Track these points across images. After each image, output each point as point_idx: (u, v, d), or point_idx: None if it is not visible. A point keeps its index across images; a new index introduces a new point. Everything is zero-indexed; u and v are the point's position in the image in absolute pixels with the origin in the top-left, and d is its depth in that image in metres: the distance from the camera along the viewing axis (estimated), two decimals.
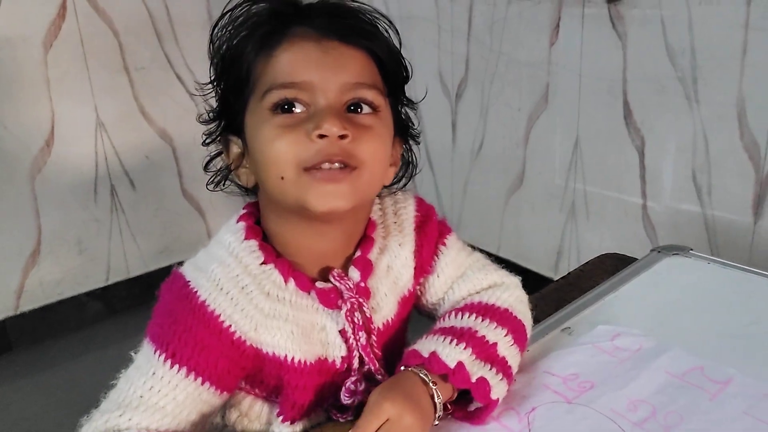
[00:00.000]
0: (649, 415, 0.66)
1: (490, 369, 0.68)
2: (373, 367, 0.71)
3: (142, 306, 2.38)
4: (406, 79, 0.71)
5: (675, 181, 1.87)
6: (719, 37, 1.67)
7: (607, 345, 0.78)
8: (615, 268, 1.00)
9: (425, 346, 0.69)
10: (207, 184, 0.72)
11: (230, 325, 0.64)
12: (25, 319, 2.18)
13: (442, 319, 0.75)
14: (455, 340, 0.68)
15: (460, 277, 0.78)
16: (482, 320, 0.72)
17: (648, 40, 1.81)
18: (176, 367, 0.63)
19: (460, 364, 0.66)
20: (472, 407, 0.69)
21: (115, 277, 2.33)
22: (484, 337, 0.69)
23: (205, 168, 0.72)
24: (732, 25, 1.64)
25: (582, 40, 1.96)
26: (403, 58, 0.70)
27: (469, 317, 0.72)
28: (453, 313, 0.74)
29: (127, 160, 2.28)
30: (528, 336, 0.76)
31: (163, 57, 2.27)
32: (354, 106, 0.65)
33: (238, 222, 0.70)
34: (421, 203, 0.80)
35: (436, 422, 0.66)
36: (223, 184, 0.72)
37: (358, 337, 0.70)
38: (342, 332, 0.70)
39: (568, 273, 1.06)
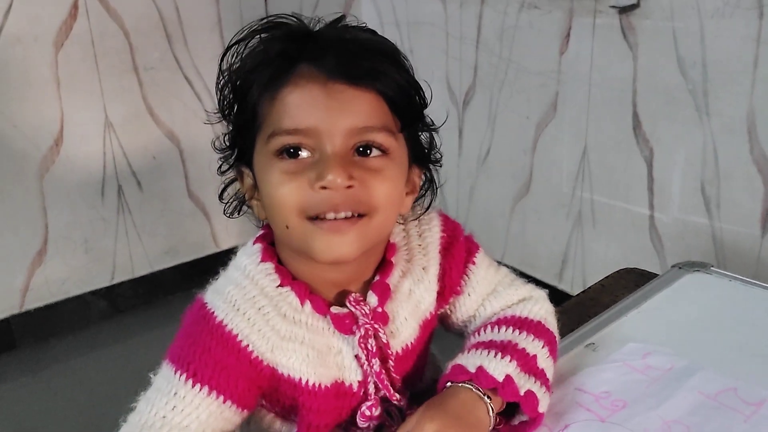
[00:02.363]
0: None
1: (535, 382, 0.69)
2: (387, 393, 0.71)
3: (147, 306, 2.40)
4: (424, 106, 0.68)
5: (683, 193, 1.89)
6: (731, 51, 1.68)
7: (638, 363, 0.79)
8: (635, 284, 1.01)
9: (469, 360, 0.69)
10: (224, 212, 0.71)
11: (248, 345, 0.65)
12: (30, 317, 2.18)
13: (476, 333, 0.75)
14: (499, 354, 0.69)
15: (491, 293, 0.79)
16: (519, 333, 0.72)
17: (659, 52, 1.82)
18: (198, 386, 0.63)
19: (508, 378, 0.66)
20: (516, 421, 0.70)
21: (121, 276, 2.33)
22: (524, 349, 0.70)
23: (221, 195, 0.71)
24: (744, 39, 1.65)
25: (592, 50, 1.97)
26: (420, 89, 0.67)
27: (506, 330, 0.73)
28: (489, 327, 0.74)
29: (135, 160, 2.28)
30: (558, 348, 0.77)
31: (172, 58, 2.27)
32: (363, 148, 0.63)
33: (254, 244, 0.70)
34: (446, 222, 0.78)
35: None
36: (239, 211, 0.71)
37: (372, 364, 0.70)
38: (357, 358, 0.70)
39: (588, 287, 1.07)
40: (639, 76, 1.89)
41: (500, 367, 0.67)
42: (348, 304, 0.69)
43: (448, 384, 0.68)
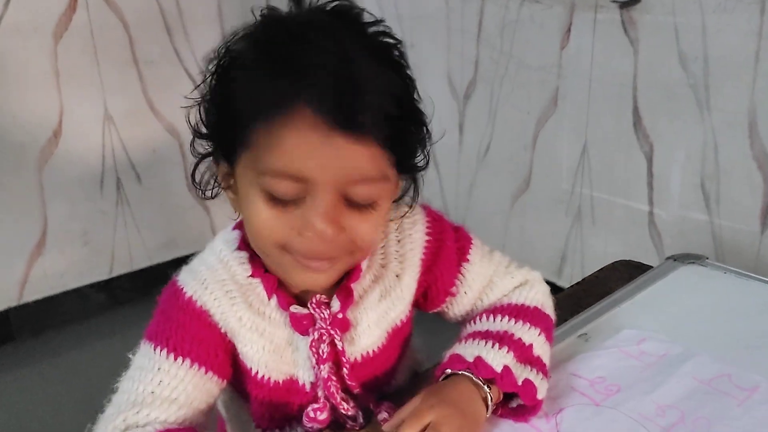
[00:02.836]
0: (678, 420, 0.67)
1: (531, 370, 0.69)
2: (333, 401, 0.70)
3: (146, 298, 2.35)
4: (428, 137, 0.65)
5: (683, 189, 1.88)
6: (733, 45, 1.68)
7: (633, 349, 0.78)
8: (629, 276, 1.01)
9: (467, 350, 0.69)
10: (198, 192, 0.68)
11: (216, 321, 0.67)
12: (29, 309, 2.17)
13: (473, 321, 0.75)
14: (497, 344, 0.69)
15: (487, 286, 0.78)
16: (515, 322, 0.72)
17: (660, 47, 1.81)
18: (180, 359, 0.64)
19: (506, 369, 0.67)
20: (514, 404, 0.70)
21: (119, 269, 2.33)
22: (520, 339, 0.70)
23: (193, 174, 0.68)
24: (746, 34, 1.64)
25: (593, 44, 1.97)
26: (425, 124, 0.64)
27: (502, 320, 0.73)
28: (485, 315, 0.74)
29: (134, 153, 2.28)
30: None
31: (172, 52, 2.26)
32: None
33: (233, 229, 0.71)
34: (432, 225, 0.75)
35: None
36: (211, 192, 0.68)
37: (320, 369, 0.69)
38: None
39: (582, 279, 1.06)
40: (640, 71, 1.88)
41: (498, 358, 0.67)
42: (309, 306, 0.68)
43: (447, 372, 0.68)
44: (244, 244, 0.68)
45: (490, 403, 0.66)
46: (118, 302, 2.35)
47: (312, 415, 0.70)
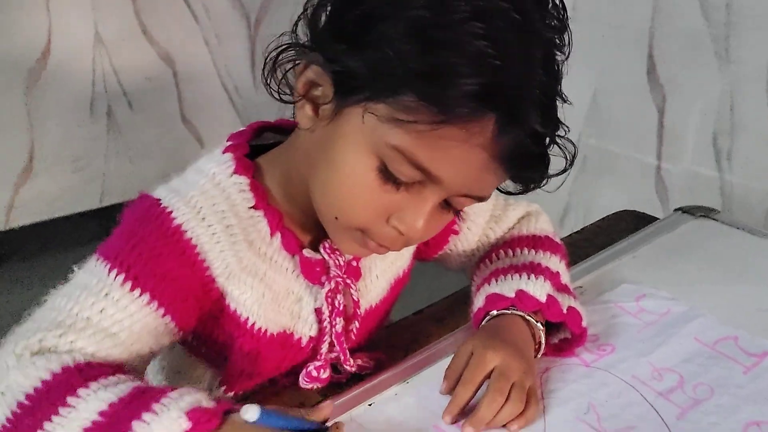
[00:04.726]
0: (676, 385, 0.62)
1: (568, 297, 0.66)
2: (342, 357, 0.65)
3: None
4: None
5: (694, 144, 1.81)
6: None
7: (631, 306, 0.73)
8: (634, 227, 0.95)
9: (504, 287, 0.65)
10: (266, 83, 0.58)
11: (204, 260, 0.57)
12: (17, 234, 2.13)
13: (488, 261, 0.72)
14: (532, 275, 0.65)
15: (490, 220, 0.75)
16: (536, 252, 0.70)
17: None
18: (137, 291, 0.54)
19: (551, 298, 0.64)
20: (555, 339, 0.67)
21: (111, 199, 2.28)
22: (548, 268, 0.67)
23: (266, 67, 0.57)
24: None
25: None
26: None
27: (521, 252, 0.70)
28: (501, 251, 0.71)
29: (126, 80, 2.20)
30: None
31: None
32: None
33: (224, 153, 0.61)
34: None
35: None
36: (276, 85, 0.58)
37: (334, 323, 0.63)
38: (317, 311, 0.63)
39: (583, 228, 1.01)
40: (657, 16, 1.79)
41: (539, 288, 0.64)
42: (322, 251, 0.61)
43: (493, 313, 0.64)
44: (242, 168, 0.59)
45: (542, 338, 0.64)
46: (110, 232, 2.31)
47: (314, 374, 0.64)
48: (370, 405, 0.61)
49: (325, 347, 0.64)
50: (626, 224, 0.97)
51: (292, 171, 0.60)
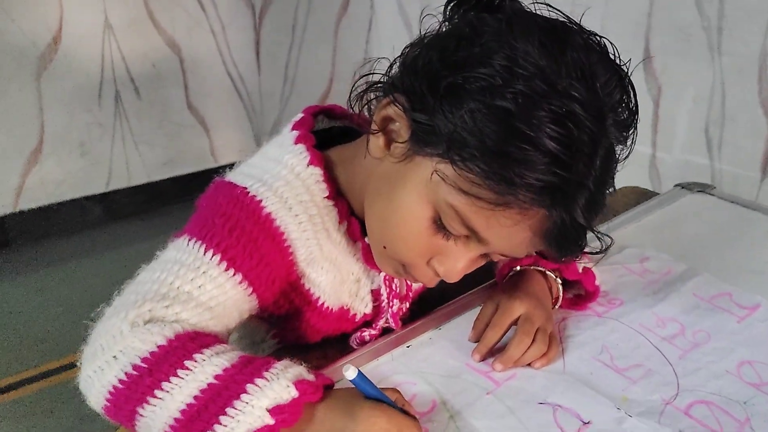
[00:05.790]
0: (678, 332, 0.68)
1: (580, 260, 0.72)
2: (395, 328, 0.71)
3: (143, 215, 2.39)
4: None
5: (687, 133, 1.87)
6: None
7: (636, 266, 0.79)
8: (636, 201, 1.01)
9: None
10: (349, 98, 0.62)
11: (290, 246, 0.61)
12: (24, 217, 2.17)
13: None
14: None
15: None
16: None
17: None
18: (231, 271, 0.58)
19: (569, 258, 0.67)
20: (570, 294, 0.73)
21: (116, 184, 2.32)
22: None
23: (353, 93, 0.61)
24: None
25: None
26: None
27: None
28: None
29: (134, 66, 2.23)
30: None
31: None
32: None
33: (296, 143, 0.64)
34: None
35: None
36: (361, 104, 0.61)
37: (391, 304, 0.69)
38: (374, 292, 0.69)
39: None
40: (654, 9, 1.85)
41: None
42: None
43: (517, 268, 0.71)
44: (317, 159, 0.63)
45: (560, 292, 0.71)
46: (115, 217, 2.35)
47: (367, 339, 0.70)
48: (408, 347, 0.67)
49: (381, 323, 0.70)
50: (629, 199, 1.03)
51: (356, 178, 0.64)
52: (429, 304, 0.74)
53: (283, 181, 0.62)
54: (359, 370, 0.52)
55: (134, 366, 0.52)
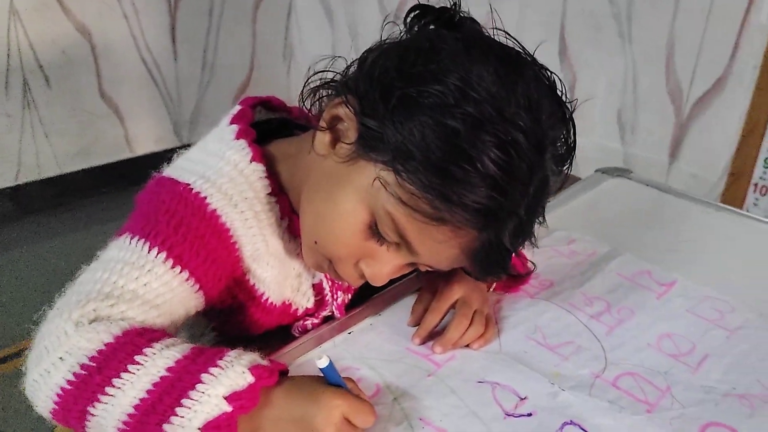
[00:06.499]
0: (604, 309, 0.72)
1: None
2: (339, 317, 0.71)
3: (56, 208, 2.30)
4: None
5: (601, 119, 1.96)
6: None
7: (564, 249, 0.83)
8: (560, 186, 1.05)
9: None
10: (301, 94, 0.62)
11: (236, 242, 0.61)
12: None
13: None
14: None
15: None
16: None
17: None
18: (178, 268, 0.58)
19: None
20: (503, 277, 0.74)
21: (26, 176, 2.21)
22: None
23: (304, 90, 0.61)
24: None
25: None
26: None
27: None
28: None
29: (42, 53, 2.14)
30: None
31: None
32: None
33: (237, 139, 0.63)
34: None
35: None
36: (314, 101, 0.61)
37: (336, 297, 0.70)
38: (316, 286, 0.70)
39: None
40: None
41: None
42: None
43: None
44: (259, 156, 0.62)
45: None
46: (27, 211, 2.24)
47: (309, 327, 0.70)
48: (349, 333, 0.68)
49: (325, 313, 0.71)
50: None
51: (298, 174, 0.64)
52: (368, 291, 0.75)
53: (227, 177, 0.61)
54: (330, 360, 0.53)
55: (82, 365, 0.51)
